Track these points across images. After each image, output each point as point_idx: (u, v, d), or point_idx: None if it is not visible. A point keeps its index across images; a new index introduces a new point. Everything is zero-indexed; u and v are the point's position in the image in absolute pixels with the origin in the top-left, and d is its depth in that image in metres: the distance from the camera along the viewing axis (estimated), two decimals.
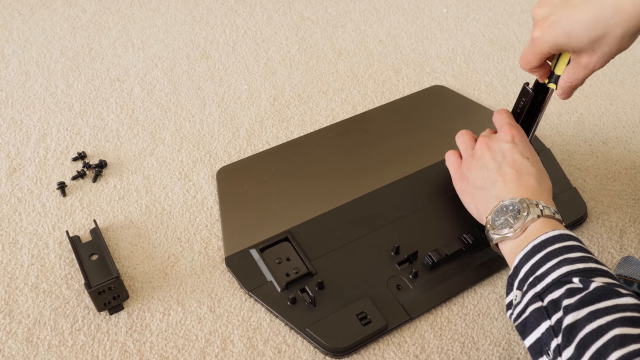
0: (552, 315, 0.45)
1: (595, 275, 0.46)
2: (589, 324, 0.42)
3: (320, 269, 0.61)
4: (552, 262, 0.48)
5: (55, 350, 0.55)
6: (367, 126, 0.79)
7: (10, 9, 0.95)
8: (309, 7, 1.01)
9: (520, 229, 0.52)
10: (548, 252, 0.49)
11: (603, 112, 0.84)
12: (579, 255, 0.48)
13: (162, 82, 0.84)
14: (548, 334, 0.44)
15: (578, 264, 0.47)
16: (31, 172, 0.70)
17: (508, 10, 1.04)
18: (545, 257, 0.49)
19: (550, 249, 0.49)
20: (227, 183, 0.70)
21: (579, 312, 0.43)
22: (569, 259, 0.47)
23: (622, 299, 0.43)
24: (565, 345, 0.42)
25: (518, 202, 0.53)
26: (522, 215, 0.52)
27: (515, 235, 0.52)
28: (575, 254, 0.48)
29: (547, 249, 0.49)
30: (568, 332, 0.42)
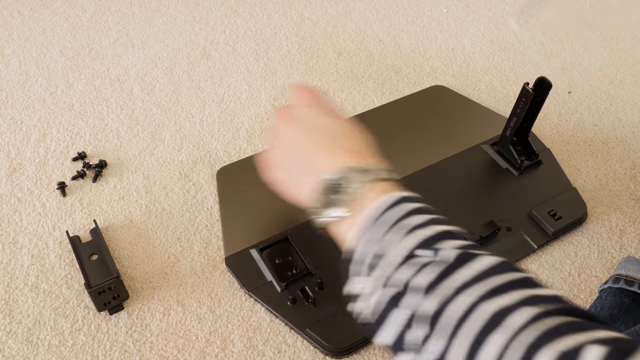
0: (408, 300, 0.38)
1: (444, 239, 0.40)
2: (457, 305, 0.35)
3: (321, 269, 0.61)
4: (396, 235, 0.40)
5: (55, 350, 0.55)
6: (367, 126, 0.78)
7: (10, 9, 0.95)
8: (309, 7, 1.01)
9: (350, 204, 0.44)
10: (389, 224, 0.41)
11: (603, 112, 0.84)
12: (424, 219, 0.41)
13: (162, 82, 0.84)
14: (407, 324, 0.37)
15: (428, 227, 0.41)
16: (31, 172, 0.70)
17: (508, 10, 1.04)
18: (386, 230, 0.41)
19: (389, 218, 0.42)
20: (227, 183, 0.69)
21: (442, 288, 0.36)
22: (415, 226, 0.41)
23: (485, 260, 0.38)
24: (431, 334, 0.35)
25: (341, 174, 0.46)
26: (348, 187, 0.45)
27: (345, 212, 0.45)
28: (420, 217, 0.41)
29: (385, 220, 0.42)
30: (434, 318, 0.36)
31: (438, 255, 0.38)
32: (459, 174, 0.72)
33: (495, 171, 0.73)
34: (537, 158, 0.73)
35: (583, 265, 0.65)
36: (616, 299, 0.58)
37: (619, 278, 0.59)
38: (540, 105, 0.69)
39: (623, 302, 0.58)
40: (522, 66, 0.91)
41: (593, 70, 0.91)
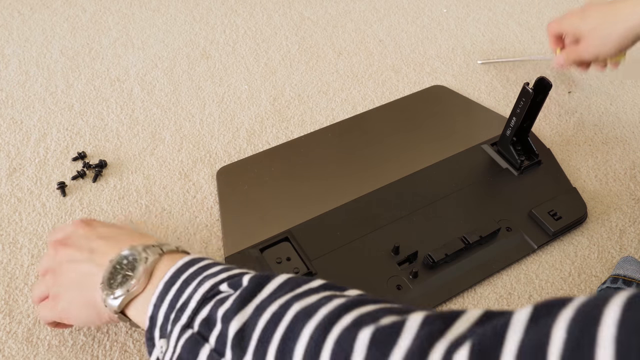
0: (209, 335, 0.36)
1: (243, 275, 0.39)
2: (259, 319, 0.34)
3: (320, 269, 0.61)
4: (191, 287, 0.40)
5: (55, 350, 0.55)
6: (367, 126, 0.79)
7: (10, 9, 0.95)
8: (309, 7, 1.01)
9: (144, 275, 0.43)
10: (183, 280, 0.41)
11: (603, 112, 0.84)
12: (219, 268, 0.41)
13: (162, 82, 0.84)
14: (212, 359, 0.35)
15: (221, 274, 0.40)
16: (31, 172, 0.70)
17: (508, 10, 1.04)
18: (181, 286, 0.40)
19: (184, 276, 0.41)
20: (227, 183, 0.70)
21: (242, 313, 0.35)
22: (210, 274, 0.40)
23: (278, 278, 0.37)
24: (240, 357, 0.34)
25: (129, 253, 0.44)
26: (140, 260, 0.43)
27: (142, 284, 0.43)
28: (215, 268, 0.41)
29: (181, 278, 0.41)
30: (238, 341, 0.34)
31: (236, 284, 0.38)
32: (459, 174, 0.72)
33: (495, 171, 0.73)
34: (537, 158, 0.73)
35: (583, 265, 0.65)
36: None
37: (617, 278, 0.59)
38: (540, 105, 0.69)
39: None
40: (522, 66, 0.91)
41: (593, 70, 0.91)
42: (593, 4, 0.77)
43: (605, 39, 0.73)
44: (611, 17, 0.72)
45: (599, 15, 0.73)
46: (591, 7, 0.76)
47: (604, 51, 0.74)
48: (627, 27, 0.70)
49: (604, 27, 0.73)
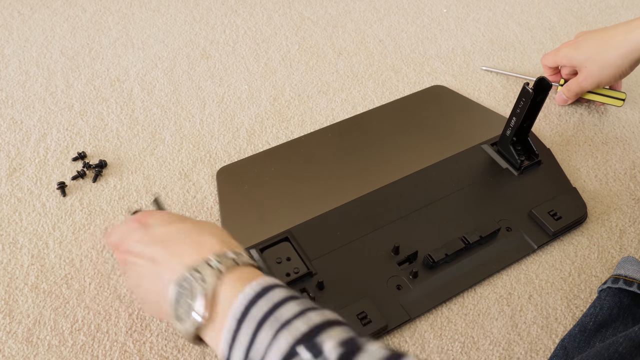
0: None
1: (322, 331, 0.36)
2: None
3: (320, 269, 0.61)
4: (266, 338, 0.37)
5: (55, 350, 0.55)
6: (367, 126, 0.79)
7: (10, 9, 0.95)
8: (309, 7, 1.01)
9: (206, 309, 0.40)
10: (257, 323, 0.38)
11: (603, 112, 0.84)
12: (294, 311, 0.38)
13: (162, 82, 0.84)
14: None
15: (298, 323, 0.36)
16: (31, 172, 0.70)
17: (508, 10, 1.04)
18: (255, 331, 0.37)
19: (257, 315, 0.38)
20: (227, 183, 0.70)
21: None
22: (285, 322, 0.37)
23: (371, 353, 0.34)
24: None
25: (185, 278, 0.42)
26: (197, 290, 0.41)
27: (206, 318, 0.41)
28: (289, 309, 0.38)
29: (254, 317, 0.38)
30: None
31: (316, 350, 0.35)
32: (459, 174, 0.72)
33: (495, 171, 0.73)
34: (537, 158, 0.73)
35: (583, 265, 0.65)
36: (615, 299, 0.58)
37: (618, 278, 0.59)
38: (540, 105, 0.69)
39: (622, 302, 0.58)
40: (522, 66, 0.91)
41: None
42: (585, 33, 0.77)
43: (603, 66, 0.74)
44: (604, 44, 0.73)
45: (592, 44, 0.75)
46: (584, 37, 0.77)
47: (605, 78, 0.75)
48: (621, 53, 0.72)
49: (600, 55, 0.74)
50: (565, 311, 0.61)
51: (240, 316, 0.38)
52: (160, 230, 0.48)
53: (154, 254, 0.46)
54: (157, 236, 0.47)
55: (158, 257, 0.45)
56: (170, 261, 0.44)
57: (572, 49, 0.77)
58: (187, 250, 0.44)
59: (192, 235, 0.46)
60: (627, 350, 0.49)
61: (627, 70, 0.73)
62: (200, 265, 0.42)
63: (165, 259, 0.45)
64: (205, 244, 0.45)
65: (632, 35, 0.70)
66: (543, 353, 0.57)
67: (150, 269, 0.45)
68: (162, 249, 0.45)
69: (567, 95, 0.80)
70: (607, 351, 0.49)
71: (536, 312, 0.60)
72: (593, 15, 1.04)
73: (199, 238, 0.46)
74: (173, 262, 0.44)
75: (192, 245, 0.45)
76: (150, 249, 0.46)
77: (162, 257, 0.45)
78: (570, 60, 0.78)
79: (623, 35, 0.71)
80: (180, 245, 0.45)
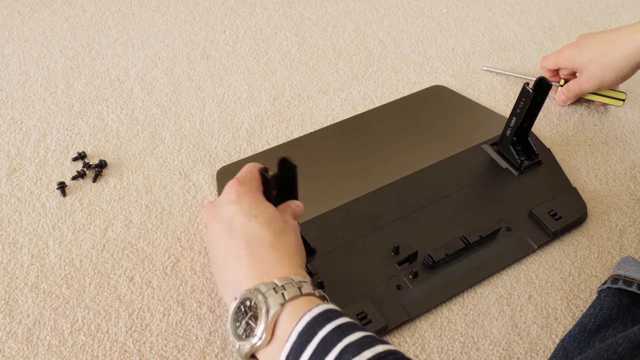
0: None
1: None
2: None
3: (320, 269, 0.61)
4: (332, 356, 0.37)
5: (55, 350, 0.55)
6: (367, 126, 0.79)
7: (10, 9, 0.95)
8: (309, 7, 1.01)
9: (266, 332, 0.41)
10: (317, 346, 0.38)
11: (603, 112, 0.84)
12: (358, 336, 0.38)
13: (162, 82, 0.84)
14: None
15: (365, 353, 0.37)
16: (31, 172, 0.70)
17: (508, 10, 1.03)
18: (316, 352, 0.38)
19: (317, 340, 0.38)
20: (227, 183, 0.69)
21: None
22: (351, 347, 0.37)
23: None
24: None
25: (252, 295, 0.42)
26: (261, 312, 0.41)
27: (265, 341, 0.41)
28: (354, 335, 0.38)
29: (312, 343, 0.38)
30: None
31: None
32: (459, 174, 0.72)
33: (495, 171, 0.73)
34: (537, 158, 0.73)
35: (583, 265, 0.65)
36: (615, 299, 0.58)
37: (617, 278, 0.59)
38: (540, 105, 0.69)
39: (622, 302, 0.58)
40: (522, 66, 0.91)
41: None
42: (587, 36, 0.77)
43: (606, 68, 0.74)
44: (607, 46, 0.73)
45: (595, 46, 0.74)
46: (586, 39, 0.77)
47: (607, 80, 0.75)
48: (624, 55, 0.72)
49: (602, 57, 0.74)
50: (565, 311, 0.61)
51: (298, 344, 0.39)
52: (256, 229, 0.47)
53: (233, 241, 0.47)
54: (251, 233, 0.47)
55: (235, 247, 0.46)
56: (242, 262, 0.45)
57: (574, 51, 0.77)
58: (265, 266, 0.45)
59: (278, 250, 0.46)
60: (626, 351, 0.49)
61: (629, 73, 0.73)
62: (269, 286, 0.43)
63: (240, 254, 0.46)
64: (283, 264, 0.46)
65: (636, 37, 0.70)
66: (543, 353, 0.57)
67: (224, 253, 0.47)
68: (246, 249, 0.46)
69: (567, 96, 0.80)
70: (607, 352, 0.49)
71: (536, 312, 0.60)
72: (593, 15, 1.04)
73: (281, 256, 0.46)
74: (243, 267, 0.45)
75: (272, 263, 0.45)
76: (237, 242, 0.47)
77: (239, 250, 0.46)
78: (573, 62, 0.78)
79: (627, 37, 0.71)
80: (263, 259, 0.46)
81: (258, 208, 0.48)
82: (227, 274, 0.47)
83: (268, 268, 0.45)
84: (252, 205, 0.48)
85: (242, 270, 0.45)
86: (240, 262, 0.46)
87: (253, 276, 0.44)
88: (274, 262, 0.45)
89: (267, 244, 0.46)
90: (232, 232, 0.47)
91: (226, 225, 0.48)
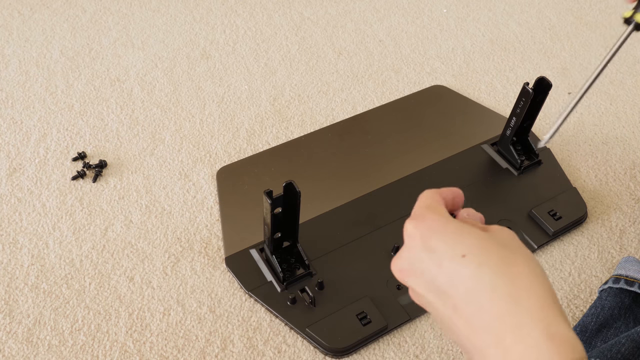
0: None
1: None
2: None
3: (320, 269, 0.61)
4: None
5: (55, 350, 0.55)
6: (367, 126, 0.79)
7: (10, 9, 0.95)
8: (309, 7, 1.01)
9: None
10: None
11: (603, 112, 0.84)
12: None
13: (162, 82, 0.84)
14: None
15: None
16: (31, 172, 0.70)
17: (508, 10, 1.03)
18: None
19: None
20: (227, 183, 0.69)
21: None
22: None
23: None
24: None
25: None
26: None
27: None
28: None
29: None
30: None
31: None
32: (459, 174, 0.72)
33: (495, 171, 0.73)
34: (537, 158, 0.73)
35: (583, 265, 0.65)
36: (616, 299, 0.58)
37: (619, 278, 0.59)
38: (540, 105, 0.69)
39: (623, 302, 0.58)
40: (522, 66, 0.91)
41: (593, 70, 0.90)
42: None
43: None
44: None
45: None
46: None
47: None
48: None
49: None
50: (566, 311, 0.60)
51: None
52: (448, 271, 0.32)
53: (443, 310, 0.33)
54: (443, 281, 0.33)
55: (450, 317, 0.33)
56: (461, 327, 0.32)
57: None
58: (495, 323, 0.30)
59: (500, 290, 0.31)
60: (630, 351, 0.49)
61: None
62: None
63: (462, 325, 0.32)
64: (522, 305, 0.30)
65: None
66: None
67: (440, 312, 0.34)
68: (453, 310, 0.32)
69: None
70: (610, 352, 0.49)
71: None
72: (593, 15, 1.04)
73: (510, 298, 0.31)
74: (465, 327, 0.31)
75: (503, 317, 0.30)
76: (436, 301, 0.33)
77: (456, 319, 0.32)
78: None
79: None
80: (480, 312, 0.31)
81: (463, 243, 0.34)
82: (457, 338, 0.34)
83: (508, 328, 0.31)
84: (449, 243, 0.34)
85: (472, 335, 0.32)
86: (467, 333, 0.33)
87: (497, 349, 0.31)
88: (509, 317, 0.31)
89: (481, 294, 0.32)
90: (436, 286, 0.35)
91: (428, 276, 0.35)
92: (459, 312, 0.32)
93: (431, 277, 0.33)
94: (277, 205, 0.54)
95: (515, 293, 0.31)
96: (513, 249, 0.34)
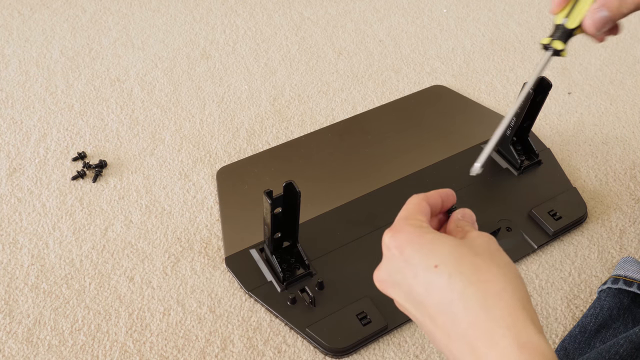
0: None
1: None
2: None
3: (320, 269, 0.61)
4: None
5: (55, 350, 0.55)
6: (367, 126, 0.79)
7: (10, 9, 0.95)
8: (309, 7, 1.01)
9: None
10: None
11: (603, 112, 0.84)
12: None
13: (162, 82, 0.84)
14: None
15: None
16: (31, 172, 0.70)
17: (508, 10, 1.03)
18: None
19: None
20: (227, 183, 0.69)
21: None
22: None
23: None
24: None
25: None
26: None
27: None
28: None
29: None
30: None
31: None
32: (459, 174, 0.72)
33: (495, 171, 0.73)
34: (537, 158, 0.73)
35: (583, 265, 0.65)
36: (615, 299, 0.58)
37: (617, 278, 0.59)
38: (540, 105, 0.69)
39: (622, 302, 0.58)
40: (522, 66, 0.91)
41: (593, 70, 0.91)
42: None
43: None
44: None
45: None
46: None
47: None
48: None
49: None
50: (565, 311, 0.60)
51: None
52: (423, 281, 0.34)
53: (422, 319, 0.34)
54: (419, 292, 0.34)
55: (428, 326, 0.34)
56: (440, 342, 0.33)
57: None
58: (468, 332, 0.31)
59: (471, 299, 0.32)
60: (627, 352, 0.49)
61: None
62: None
63: (440, 334, 0.33)
64: (492, 313, 0.31)
65: None
66: None
67: (419, 320, 0.35)
68: (430, 319, 0.33)
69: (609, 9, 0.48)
70: (608, 353, 0.49)
71: (536, 311, 0.60)
72: None
73: (481, 306, 0.31)
74: (455, 343, 0.32)
75: (475, 326, 0.31)
76: (414, 311, 0.35)
77: (434, 328, 0.33)
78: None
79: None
80: (454, 321, 0.32)
81: (435, 254, 0.35)
82: (439, 344, 0.35)
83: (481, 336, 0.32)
84: (422, 256, 0.36)
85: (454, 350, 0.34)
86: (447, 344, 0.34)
87: None
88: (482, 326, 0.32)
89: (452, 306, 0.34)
90: (410, 298, 0.36)
91: (402, 289, 0.37)
92: (435, 322, 0.33)
93: (408, 287, 0.35)
94: (277, 205, 0.54)
95: (486, 302, 0.31)
96: (487, 257, 0.34)
